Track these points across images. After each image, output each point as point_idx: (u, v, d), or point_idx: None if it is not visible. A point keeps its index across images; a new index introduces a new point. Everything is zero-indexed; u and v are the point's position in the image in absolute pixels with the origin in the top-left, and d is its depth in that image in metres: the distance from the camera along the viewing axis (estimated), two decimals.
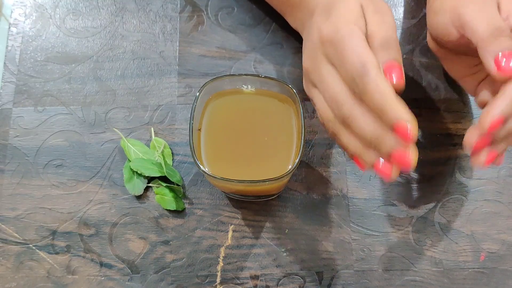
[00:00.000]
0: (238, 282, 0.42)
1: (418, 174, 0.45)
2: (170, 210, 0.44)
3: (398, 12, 0.50)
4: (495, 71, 0.32)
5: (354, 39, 0.32)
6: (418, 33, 0.49)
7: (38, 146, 0.46)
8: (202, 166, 0.35)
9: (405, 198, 0.44)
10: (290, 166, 0.36)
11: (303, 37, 0.41)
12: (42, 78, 0.48)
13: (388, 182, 0.44)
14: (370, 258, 0.43)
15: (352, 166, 0.45)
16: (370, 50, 0.32)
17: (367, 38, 0.33)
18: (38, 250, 0.43)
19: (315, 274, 0.42)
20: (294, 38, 0.48)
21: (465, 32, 0.34)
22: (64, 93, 0.47)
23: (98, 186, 0.45)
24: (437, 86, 0.47)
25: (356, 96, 0.32)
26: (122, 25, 0.50)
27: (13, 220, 0.44)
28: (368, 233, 0.43)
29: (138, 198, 0.44)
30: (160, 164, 0.43)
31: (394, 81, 0.32)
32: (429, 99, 0.47)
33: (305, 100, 0.45)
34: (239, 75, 0.39)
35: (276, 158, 0.37)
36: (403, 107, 0.30)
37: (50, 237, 0.43)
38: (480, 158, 0.34)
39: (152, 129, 0.46)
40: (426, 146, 0.45)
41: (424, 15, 0.49)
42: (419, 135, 0.46)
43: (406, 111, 0.30)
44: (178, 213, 0.44)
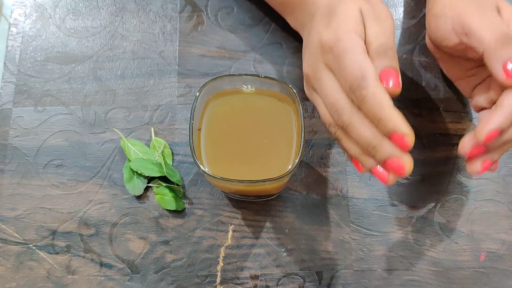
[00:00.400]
0: (238, 282, 0.42)
1: (417, 174, 0.45)
2: (170, 210, 0.44)
3: (398, 12, 0.50)
4: (504, 78, 0.32)
5: (354, 49, 0.33)
6: (417, 33, 0.49)
7: (38, 146, 0.46)
8: (202, 166, 0.35)
9: (404, 198, 0.44)
10: (290, 166, 0.36)
11: (303, 37, 0.41)
12: (42, 78, 0.48)
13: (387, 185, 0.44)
14: (369, 258, 0.43)
15: (352, 166, 0.45)
16: (369, 60, 0.32)
17: (366, 45, 0.34)
18: (38, 250, 0.43)
19: (315, 274, 0.42)
20: (294, 38, 0.49)
21: (469, 40, 0.34)
22: (64, 93, 0.47)
23: (98, 186, 0.45)
24: (436, 86, 0.47)
25: (354, 104, 0.33)
26: (122, 25, 0.50)
27: (13, 220, 0.44)
28: (367, 233, 0.43)
29: (138, 198, 0.44)
30: (160, 164, 0.43)
31: (390, 86, 0.33)
32: (428, 99, 0.47)
33: (304, 99, 0.45)
34: (239, 75, 0.39)
35: (276, 158, 0.37)
36: (400, 118, 0.31)
37: (50, 237, 0.43)
38: (475, 166, 0.35)
39: (152, 129, 0.46)
40: (425, 146, 0.45)
41: (424, 15, 0.49)
42: (419, 135, 0.46)
43: (403, 122, 0.31)
44: (178, 213, 0.44)
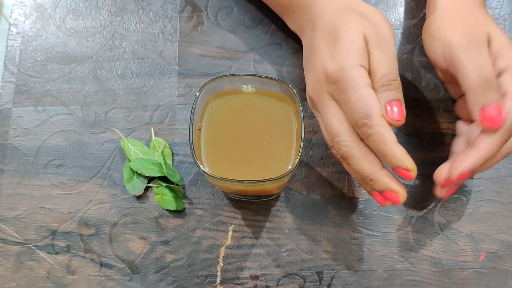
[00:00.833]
0: (238, 282, 0.42)
1: (418, 174, 0.45)
2: (170, 210, 0.44)
3: (398, 12, 0.50)
4: (480, 121, 0.34)
5: (359, 83, 0.34)
6: (418, 33, 0.49)
7: (38, 146, 0.46)
8: (202, 166, 0.35)
9: None
10: (290, 166, 0.36)
11: (303, 42, 0.42)
12: (42, 78, 0.48)
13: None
14: (370, 258, 0.43)
15: None
16: (374, 95, 0.34)
17: (370, 74, 0.35)
18: (38, 250, 0.43)
19: (315, 274, 0.42)
20: (293, 39, 0.49)
21: (455, 73, 0.36)
22: (64, 93, 0.47)
23: (98, 186, 0.45)
24: (436, 86, 0.47)
25: (357, 134, 0.35)
26: (122, 25, 0.50)
27: (13, 220, 0.44)
28: (368, 233, 0.43)
29: (138, 198, 0.44)
30: (160, 164, 0.43)
31: (395, 118, 0.34)
32: (428, 99, 0.47)
33: (304, 100, 0.45)
34: (239, 75, 0.39)
35: (276, 158, 0.37)
36: (404, 155, 0.33)
37: (50, 237, 0.43)
38: (442, 192, 0.38)
39: (152, 129, 0.46)
40: (425, 146, 0.45)
41: (424, 15, 0.49)
42: (419, 135, 0.46)
43: (406, 158, 0.33)
44: (178, 213, 0.44)
